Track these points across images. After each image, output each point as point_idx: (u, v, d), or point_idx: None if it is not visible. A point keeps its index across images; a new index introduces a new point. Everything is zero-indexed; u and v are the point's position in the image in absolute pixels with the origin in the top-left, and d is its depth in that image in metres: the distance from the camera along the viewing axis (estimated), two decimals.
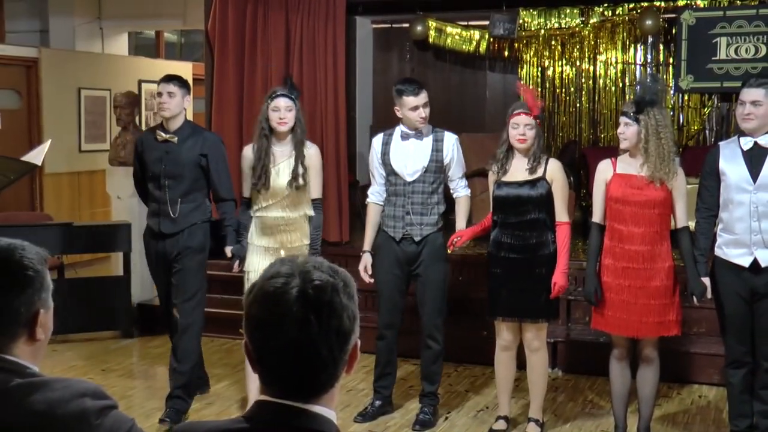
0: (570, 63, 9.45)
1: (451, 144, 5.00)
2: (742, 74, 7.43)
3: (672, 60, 8.80)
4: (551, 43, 9.42)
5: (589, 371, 5.84)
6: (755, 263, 4.27)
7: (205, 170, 5.13)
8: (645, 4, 8.86)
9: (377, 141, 5.12)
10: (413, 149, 4.98)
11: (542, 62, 9.51)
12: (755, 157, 4.28)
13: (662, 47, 9.11)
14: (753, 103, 4.23)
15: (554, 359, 5.95)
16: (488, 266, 4.89)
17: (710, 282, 4.43)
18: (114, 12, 10.18)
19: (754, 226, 4.25)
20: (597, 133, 9.46)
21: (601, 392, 5.54)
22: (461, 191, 5.08)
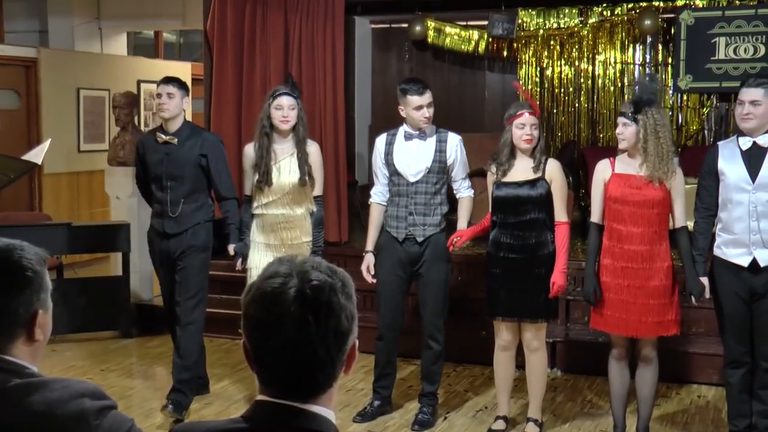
0: (569, 63, 9.45)
1: (455, 144, 4.99)
2: (741, 74, 7.42)
3: (671, 60, 8.80)
4: (550, 43, 9.42)
5: (588, 371, 5.84)
6: (754, 263, 4.27)
7: (206, 170, 5.17)
8: (644, 4, 8.86)
9: (380, 141, 5.10)
10: (416, 150, 4.97)
11: (541, 62, 9.51)
12: (754, 157, 4.28)
13: (661, 47, 9.12)
14: (752, 103, 4.22)
15: (553, 359, 5.95)
16: (487, 266, 4.89)
17: (709, 282, 4.43)
18: (113, 12, 10.18)
19: (753, 226, 4.25)
20: (596, 133, 9.46)
21: (600, 392, 5.54)
22: (464, 192, 5.07)
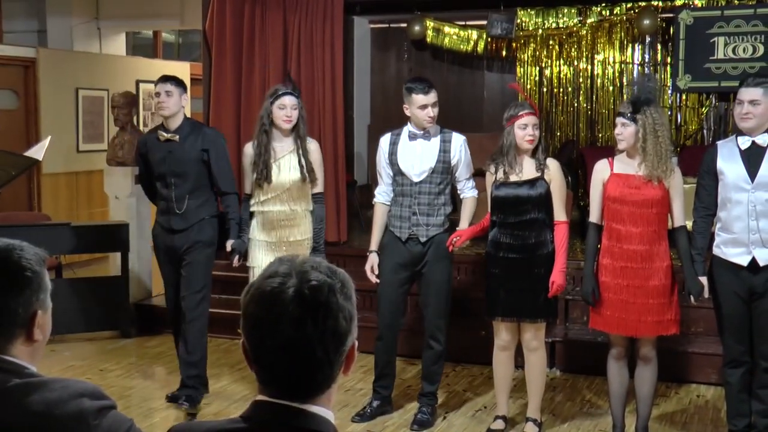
0: (568, 63, 9.46)
1: (459, 145, 4.98)
2: (740, 74, 7.42)
3: (670, 59, 8.80)
4: (549, 43, 9.43)
5: (587, 371, 5.84)
6: (753, 262, 4.27)
7: (208, 165, 5.22)
8: (643, 4, 8.86)
9: (385, 141, 5.10)
10: (421, 150, 4.96)
11: (540, 62, 9.51)
12: (753, 157, 4.27)
13: (660, 47, 9.13)
14: (751, 103, 4.22)
15: (552, 359, 5.95)
16: (486, 266, 4.88)
17: (708, 281, 4.43)
18: (112, 12, 10.17)
19: (752, 225, 4.25)
20: (595, 133, 9.46)
21: (599, 392, 5.54)
22: (468, 192, 5.07)
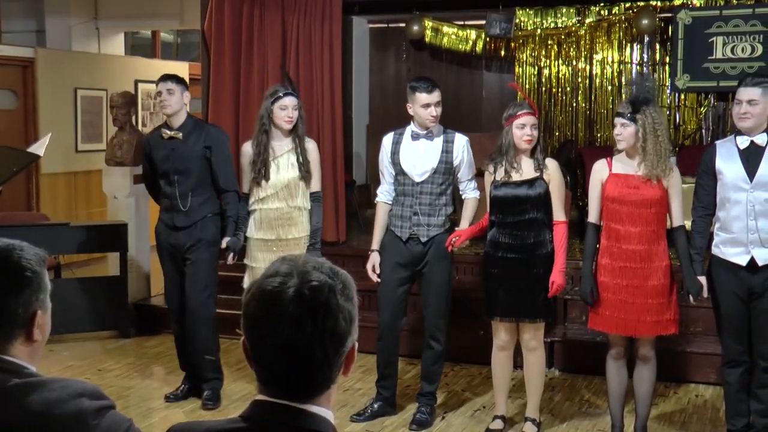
0: (566, 62, 9.46)
1: (462, 145, 4.97)
2: (739, 73, 7.43)
3: (668, 59, 8.81)
4: (548, 43, 9.43)
5: (586, 371, 5.85)
6: (752, 262, 4.27)
7: (210, 162, 5.25)
8: (641, 4, 8.87)
9: (387, 140, 5.09)
10: (423, 150, 4.96)
11: (538, 62, 9.51)
12: (751, 156, 4.28)
13: (658, 46, 9.13)
14: (749, 102, 4.23)
15: (551, 359, 5.95)
16: (485, 266, 4.88)
17: (707, 281, 4.43)
18: (110, 12, 10.17)
19: (751, 225, 4.25)
20: (593, 133, 9.46)
21: (598, 391, 5.55)
22: (470, 193, 5.05)
